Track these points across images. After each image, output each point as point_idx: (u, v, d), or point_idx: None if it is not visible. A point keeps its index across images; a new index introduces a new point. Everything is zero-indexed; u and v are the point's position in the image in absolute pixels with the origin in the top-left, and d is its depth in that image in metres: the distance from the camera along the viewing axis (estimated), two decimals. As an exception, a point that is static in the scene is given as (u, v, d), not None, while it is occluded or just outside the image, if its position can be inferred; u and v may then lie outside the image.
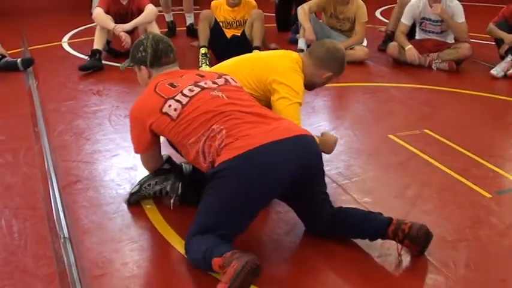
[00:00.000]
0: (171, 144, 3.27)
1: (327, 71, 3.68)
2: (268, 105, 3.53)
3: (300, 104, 3.59)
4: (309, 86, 3.77)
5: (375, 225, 2.99)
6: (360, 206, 3.44)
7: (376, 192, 3.66)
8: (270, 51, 3.98)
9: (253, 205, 2.83)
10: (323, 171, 3.03)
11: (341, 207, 3.15)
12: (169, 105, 2.97)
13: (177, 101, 2.98)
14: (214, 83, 3.11)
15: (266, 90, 3.59)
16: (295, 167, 2.80)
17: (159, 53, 3.21)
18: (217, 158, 2.82)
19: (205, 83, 3.09)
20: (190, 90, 3.02)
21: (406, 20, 6.64)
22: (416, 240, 2.91)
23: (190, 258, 2.83)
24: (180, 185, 3.36)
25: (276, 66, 3.63)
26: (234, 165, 2.75)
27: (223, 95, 3.02)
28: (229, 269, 2.51)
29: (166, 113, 2.97)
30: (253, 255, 2.57)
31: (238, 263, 2.50)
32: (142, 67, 3.25)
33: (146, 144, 3.17)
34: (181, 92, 3.02)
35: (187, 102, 2.97)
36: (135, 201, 3.42)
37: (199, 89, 3.03)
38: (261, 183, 2.75)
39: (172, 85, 3.07)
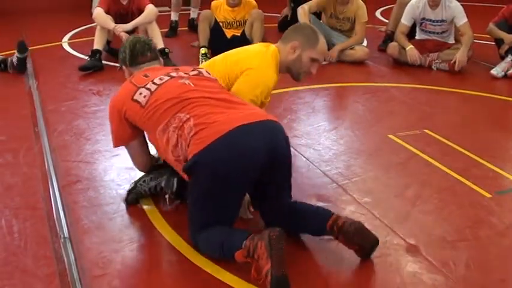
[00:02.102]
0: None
1: (293, 41, 3.50)
2: None
3: (253, 101, 3.42)
4: (292, 72, 3.61)
5: (318, 220, 2.97)
6: (360, 206, 3.45)
7: (376, 192, 3.67)
8: (251, 45, 3.90)
9: (234, 193, 2.89)
10: (290, 158, 3.05)
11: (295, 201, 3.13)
12: (140, 93, 3.10)
13: (147, 88, 3.10)
14: (186, 73, 3.21)
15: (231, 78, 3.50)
16: (265, 151, 2.83)
17: (135, 52, 3.38)
18: (188, 150, 2.83)
19: (177, 73, 3.19)
20: (160, 79, 3.14)
21: (406, 21, 6.64)
22: (349, 236, 2.84)
23: (208, 254, 2.89)
24: (175, 180, 3.34)
25: (246, 63, 3.49)
26: (204, 159, 2.78)
27: (190, 82, 3.10)
28: (259, 251, 2.58)
29: (136, 100, 3.09)
30: (268, 228, 2.66)
31: (262, 241, 2.58)
32: (124, 67, 3.45)
33: (125, 136, 3.25)
34: (152, 80, 3.14)
35: (155, 90, 3.07)
36: (132, 199, 3.42)
37: (169, 78, 3.14)
38: (234, 170, 2.78)
39: (145, 75, 3.21)
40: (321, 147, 4.31)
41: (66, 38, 7.61)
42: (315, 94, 5.58)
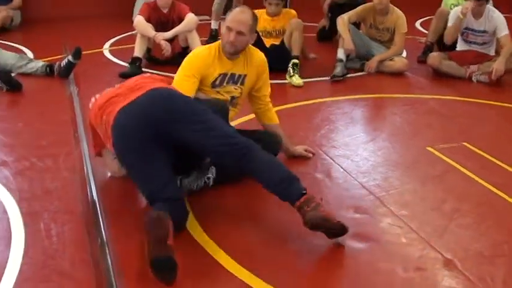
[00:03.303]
0: None
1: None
2: None
3: (182, 78, 3.86)
4: (226, 47, 3.90)
5: (290, 190, 3.14)
6: (397, 218, 3.42)
7: (413, 205, 3.64)
8: None
9: (137, 163, 3.22)
10: (182, 113, 3.24)
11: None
12: None
13: None
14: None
15: None
16: (143, 115, 3.19)
17: None
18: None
19: None
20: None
21: (451, 23, 6.59)
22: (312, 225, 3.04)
23: None
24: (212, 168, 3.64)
25: None
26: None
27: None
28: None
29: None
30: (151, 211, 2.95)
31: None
32: None
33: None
34: None
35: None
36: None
37: None
38: (122, 141, 3.23)
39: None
40: (359, 158, 4.30)
41: (107, 45, 7.72)
42: (354, 105, 5.56)
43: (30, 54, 7.03)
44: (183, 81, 3.84)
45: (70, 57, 6.06)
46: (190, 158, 3.48)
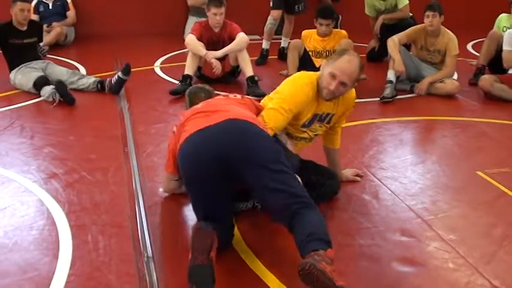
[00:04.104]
0: None
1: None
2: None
3: (278, 110, 3.53)
4: (324, 92, 3.61)
5: (311, 243, 2.78)
6: (445, 243, 3.37)
7: (461, 230, 3.57)
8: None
9: (200, 193, 3.11)
10: (260, 158, 3.01)
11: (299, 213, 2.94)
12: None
13: None
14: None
15: None
16: (215, 147, 3.02)
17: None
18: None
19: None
20: None
21: (510, 47, 6.47)
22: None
23: None
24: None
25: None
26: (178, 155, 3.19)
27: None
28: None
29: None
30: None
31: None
32: None
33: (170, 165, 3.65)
34: None
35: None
36: None
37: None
38: (189, 170, 3.09)
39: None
40: (407, 180, 4.25)
41: (158, 63, 7.82)
42: (403, 126, 5.51)
43: (83, 70, 7.18)
44: (278, 113, 3.53)
45: (120, 74, 6.16)
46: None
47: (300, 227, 2.86)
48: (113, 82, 6.19)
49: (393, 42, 6.61)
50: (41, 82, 6.04)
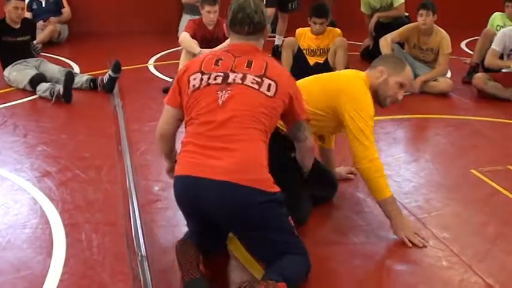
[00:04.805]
0: None
1: (379, 67, 3.57)
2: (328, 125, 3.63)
3: (370, 128, 3.43)
4: (379, 96, 3.59)
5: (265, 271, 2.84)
6: (438, 241, 3.37)
7: (455, 228, 3.58)
8: (339, 71, 3.95)
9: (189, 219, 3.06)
10: (257, 225, 2.81)
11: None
12: (194, 78, 2.97)
13: (200, 80, 2.95)
14: (236, 82, 2.92)
15: (336, 110, 3.50)
16: (207, 207, 2.80)
17: (235, 20, 3.08)
18: None
19: (231, 78, 2.92)
20: (215, 78, 2.94)
21: (497, 46, 6.47)
22: None
23: None
24: None
25: (347, 88, 3.53)
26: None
27: (222, 101, 2.87)
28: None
29: (189, 81, 2.98)
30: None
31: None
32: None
33: (172, 98, 3.09)
34: (209, 76, 2.94)
35: (197, 89, 2.94)
36: None
37: (216, 83, 2.92)
38: (180, 205, 2.99)
39: (217, 61, 3.00)
40: (401, 179, 4.25)
41: (152, 61, 7.81)
42: (397, 125, 5.51)
43: (76, 68, 7.16)
44: (369, 132, 3.39)
45: (110, 72, 6.15)
46: None
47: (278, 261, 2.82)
48: (104, 81, 6.18)
49: (385, 41, 6.66)
50: (37, 79, 6.03)
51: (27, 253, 3.16)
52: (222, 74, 2.94)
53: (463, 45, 9.36)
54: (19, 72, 6.22)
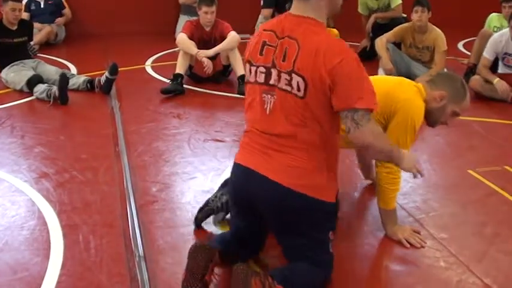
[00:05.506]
0: None
1: (441, 91, 3.39)
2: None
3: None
4: (430, 118, 3.51)
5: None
6: (436, 242, 3.38)
7: (452, 229, 3.58)
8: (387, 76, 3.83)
9: (236, 214, 3.02)
10: (291, 225, 2.79)
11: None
12: (246, 65, 2.87)
13: (249, 71, 2.84)
14: (276, 86, 2.71)
15: (388, 116, 3.41)
16: (254, 198, 2.80)
17: None
18: None
19: (272, 78, 2.71)
20: (258, 74, 2.77)
21: (488, 55, 6.52)
22: None
23: None
24: None
25: (401, 93, 3.41)
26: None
27: (269, 107, 2.74)
28: None
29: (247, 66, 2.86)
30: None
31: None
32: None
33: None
34: (257, 69, 2.78)
35: (247, 82, 2.86)
36: (202, 217, 3.43)
37: (259, 83, 2.77)
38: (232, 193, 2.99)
39: (262, 50, 2.76)
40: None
41: (149, 62, 7.80)
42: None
43: (73, 69, 7.15)
44: (409, 145, 3.42)
45: (107, 74, 6.14)
46: None
47: (291, 263, 2.85)
48: (101, 82, 6.17)
49: (381, 42, 6.72)
50: (34, 80, 6.02)
51: (24, 255, 3.15)
52: (264, 70, 2.73)
53: (460, 46, 9.37)
54: (16, 74, 6.21)
